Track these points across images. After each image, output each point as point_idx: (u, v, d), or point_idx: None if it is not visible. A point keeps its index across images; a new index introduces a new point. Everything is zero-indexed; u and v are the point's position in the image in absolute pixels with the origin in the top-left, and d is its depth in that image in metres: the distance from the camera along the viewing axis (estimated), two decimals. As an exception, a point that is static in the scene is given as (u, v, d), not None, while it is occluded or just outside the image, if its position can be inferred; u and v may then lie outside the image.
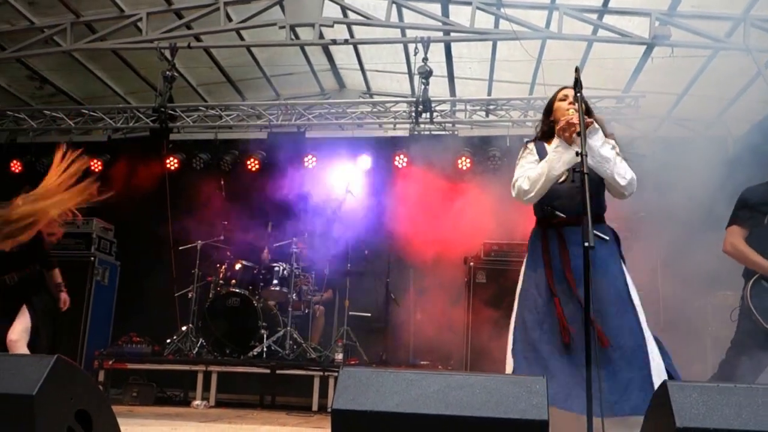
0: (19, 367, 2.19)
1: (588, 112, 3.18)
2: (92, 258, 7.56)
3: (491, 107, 8.38)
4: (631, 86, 7.73)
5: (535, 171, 3.12)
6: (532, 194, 3.11)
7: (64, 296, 4.89)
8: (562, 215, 3.12)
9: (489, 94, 8.56)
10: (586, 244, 2.53)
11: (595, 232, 2.93)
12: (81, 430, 2.27)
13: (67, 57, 7.80)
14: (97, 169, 8.91)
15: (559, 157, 3.04)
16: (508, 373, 3.00)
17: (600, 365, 2.77)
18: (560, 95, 3.27)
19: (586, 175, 2.62)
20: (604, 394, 2.71)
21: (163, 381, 6.76)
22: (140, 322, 7.59)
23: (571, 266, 3.00)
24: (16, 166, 9.10)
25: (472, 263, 6.69)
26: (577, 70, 2.97)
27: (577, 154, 2.72)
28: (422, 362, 6.82)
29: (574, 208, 3.03)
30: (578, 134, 2.87)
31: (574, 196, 2.91)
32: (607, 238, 3.09)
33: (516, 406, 1.98)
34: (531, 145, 3.33)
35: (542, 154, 3.18)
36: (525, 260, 3.26)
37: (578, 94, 2.89)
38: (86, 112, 8.90)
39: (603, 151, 3.00)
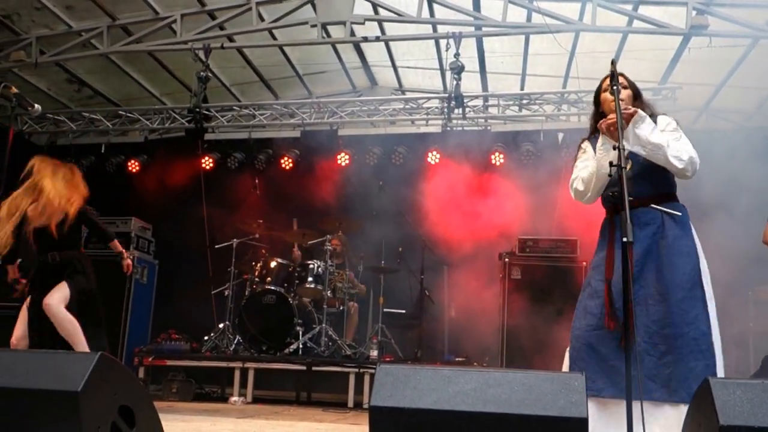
0: (64, 364, 2.24)
1: (636, 96, 3.13)
2: (131, 257, 7.68)
3: (524, 102, 8.31)
4: (667, 78, 7.59)
5: (586, 171, 3.11)
6: (589, 194, 3.12)
7: (126, 262, 5.24)
8: (630, 199, 3.07)
9: (522, 88, 8.48)
10: (625, 239, 2.50)
11: (665, 210, 2.95)
12: (124, 426, 2.32)
13: (104, 60, 7.94)
14: (134, 170, 9.10)
15: (605, 156, 3.00)
16: (566, 362, 3.02)
17: (662, 352, 2.77)
18: (605, 85, 3.17)
19: (624, 170, 2.58)
20: (665, 379, 2.75)
21: (201, 377, 6.86)
22: (178, 319, 7.72)
23: (633, 251, 2.96)
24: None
25: (507, 259, 6.65)
26: (613, 62, 2.92)
27: (614, 148, 2.68)
28: (457, 359, 6.81)
29: (638, 191, 2.94)
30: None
31: (637, 178, 2.88)
32: (679, 214, 3.02)
33: (555, 404, 1.97)
34: (585, 144, 3.28)
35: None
36: (595, 249, 3.24)
37: (615, 88, 2.84)
38: (123, 113, 9.07)
39: (653, 138, 2.92)
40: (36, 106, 4.28)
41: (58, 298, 4.67)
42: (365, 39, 7.02)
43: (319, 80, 9.08)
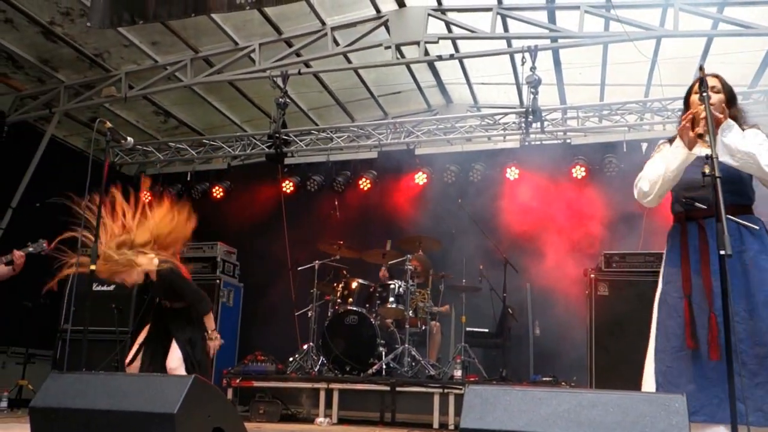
0: (160, 388, 2.31)
1: (730, 101, 2.99)
2: (218, 281, 7.93)
3: (605, 113, 8.10)
4: (758, 81, 7.24)
5: (654, 172, 2.96)
6: (652, 197, 2.97)
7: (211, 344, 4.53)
8: (703, 206, 2.91)
9: (602, 99, 8.28)
10: (722, 252, 2.37)
11: (743, 222, 2.79)
12: (218, 447, 2.37)
13: (187, 91, 8.30)
14: (218, 196, 9.41)
15: (675, 157, 2.88)
16: (648, 386, 2.86)
17: (753, 373, 2.60)
18: (696, 87, 3.05)
19: (718, 179, 2.45)
20: (758, 402, 2.56)
21: (287, 398, 6.94)
22: (263, 341, 7.88)
23: (710, 261, 2.80)
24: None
25: (593, 275, 6.43)
26: (701, 68, 2.80)
27: (707, 157, 2.55)
28: (544, 378, 6.62)
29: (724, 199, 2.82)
30: (700, 136, 2.72)
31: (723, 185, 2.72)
32: (757, 227, 2.85)
33: (654, 426, 1.87)
34: (664, 145, 3.11)
35: None
36: (663, 262, 3.07)
37: (704, 95, 2.71)
38: (207, 141, 9.42)
39: (743, 146, 2.77)
40: (128, 138, 4.50)
41: (177, 360, 4.43)
42: (439, 57, 7.05)
43: (395, 101, 9.17)
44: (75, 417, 2.42)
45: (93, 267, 3.85)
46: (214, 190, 9.48)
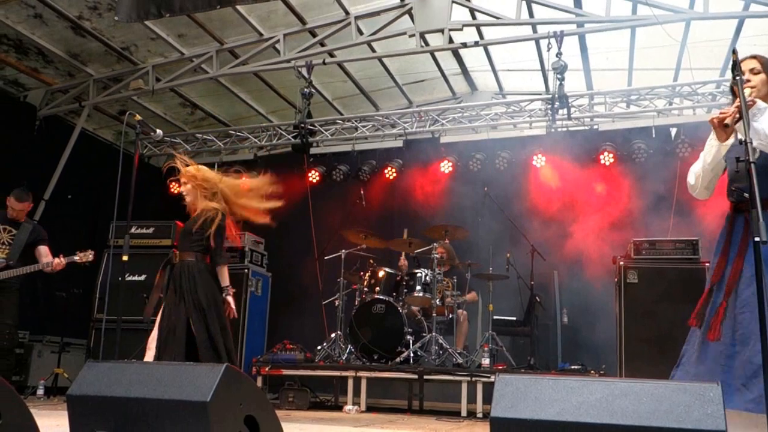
0: (193, 376, 2.35)
1: None
2: (246, 270, 8.00)
3: (633, 98, 7.98)
4: (792, 63, 7.06)
5: (698, 164, 2.96)
6: (698, 189, 2.98)
7: (228, 301, 4.65)
8: (744, 195, 2.88)
9: (629, 84, 8.16)
10: (757, 238, 2.33)
11: None
12: (250, 435, 2.40)
13: (213, 83, 8.35)
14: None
15: (709, 150, 2.86)
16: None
17: None
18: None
19: (752, 164, 2.41)
20: None
21: (316, 386, 7.01)
22: (291, 329, 7.95)
23: (745, 255, 2.77)
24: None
25: (622, 262, 6.37)
26: (734, 52, 2.73)
27: (741, 142, 2.51)
28: (572, 367, 6.58)
29: (764, 190, 2.77)
30: (725, 126, 2.67)
31: (763, 175, 2.62)
32: None
33: (688, 416, 1.85)
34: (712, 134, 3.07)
35: None
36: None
37: (738, 78, 2.66)
38: (233, 132, 9.49)
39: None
40: (158, 131, 4.57)
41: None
42: (464, 45, 7.00)
43: (419, 89, 9.14)
44: (111, 404, 2.47)
45: (125, 258, 3.91)
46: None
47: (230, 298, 4.62)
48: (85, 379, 2.58)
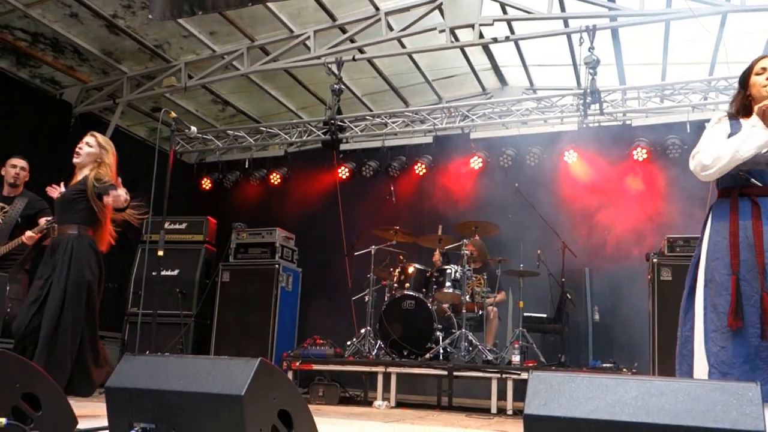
0: (228, 370, 2.38)
1: None
2: (277, 266, 8.07)
3: (667, 92, 7.86)
4: (833, 55, 6.89)
5: (721, 147, 2.83)
6: (712, 171, 2.84)
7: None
8: (759, 183, 2.82)
9: (663, 78, 8.04)
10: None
11: None
12: (284, 429, 2.43)
13: (244, 79, 8.43)
14: (276, 182, 9.58)
15: (751, 137, 2.76)
16: (701, 369, 2.84)
17: None
18: (757, 68, 2.93)
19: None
20: None
21: (346, 381, 7.05)
22: (321, 325, 8.00)
23: (764, 240, 2.72)
24: (206, 184, 10.00)
25: (655, 259, 6.29)
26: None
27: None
28: (604, 365, 6.52)
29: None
30: None
31: None
32: None
33: (726, 416, 1.83)
34: (724, 120, 3.00)
35: (735, 131, 2.89)
36: (705, 237, 2.97)
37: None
38: (264, 129, 9.57)
39: None
40: (192, 128, 4.62)
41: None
42: (494, 40, 6.96)
43: (449, 84, 9.11)
44: (148, 397, 2.51)
45: (161, 253, 3.97)
46: (271, 177, 9.64)
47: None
48: (123, 372, 2.64)
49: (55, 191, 4.31)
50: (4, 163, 5.42)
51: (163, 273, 7.76)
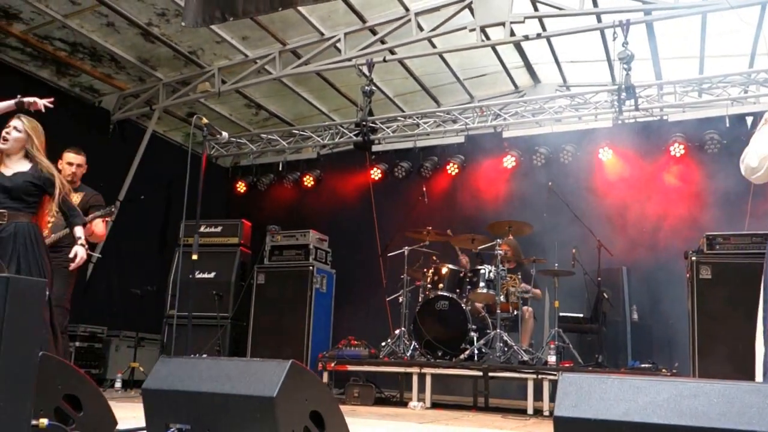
0: (260, 372, 2.42)
1: None
2: (311, 267, 8.13)
3: (705, 86, 7.70)
4: None
5: (765, 147, 2.74)
6: (761, 172, 2.75)
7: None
8: None
9: (701, 72, 7.86)
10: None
11: None
12: (316, 430, 2.45)
13: (277, 83, 8.52)
14: (309, 185, 9.66)
15: None
16: (760, 373, 2.73)
17: None
18: None
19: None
20: None
21: (380, 382, 7.07)
22: (356, 325, 8.03)
23: None
24: (240, 187, 10.13)
25: (694, 258, 6.15)
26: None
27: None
28: (643, 365, 6.41)
29: None
30: None
31: None
32: None
33: (762, 419, 1.79)
34: None
35: None
36: None
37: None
38: (297, 132, 9.66)
39: None
40: (224, 133, 4.68)
41: None
42: (526, 38, 6.91)
43: (481, 83, 9.06)
44: (182, 398, 2.56)
45: (195, 257, 4.03)
46: (305, 179, 9.72)
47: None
48: (159, 374, 2.69)
49: None
50: (60, 156, 5.41)
51: (200, 276, 7.88)
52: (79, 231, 4.14)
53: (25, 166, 4.02)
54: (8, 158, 4.03)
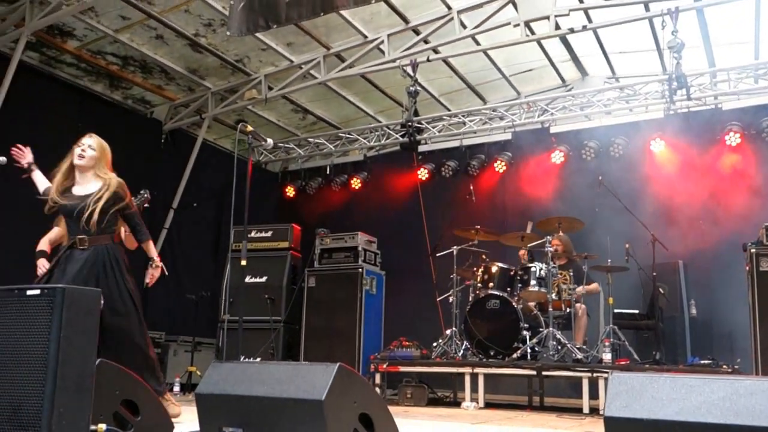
0: (309, 375, 2.45)
1: None
2: (360, 269, 8.17)
3: (761, 72, 7.43)
4: None
5: None
6: None
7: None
8: None
9: (756, 57, 7.59)
10: None
11: None
12: (365, 432, 2.47)
13: (322, 87, 8.59)
14: (357, 187, 9.71)
15: None
16: None
17: None
18: None
19: None
20: None
21: (433, 382, 7.05)
22: (407, 326, 8.02)
23: None
24: (290, 191, 10.26)
25: (753, 249, 5.94)
26: None
27: None
28: (702, 361, 6.22)
29: None
30: None
31: None
32: None
33: (824, 417, 1.72)
34: None
35: None
36: None
37: None
38: (343, 135, 9.74)
39: None
40: (268, 140, 4.74)
41: None
42: (571, 30, 6.78)
43: (527, 79, 8.94)
44: (233, 402, 2.62)
45: (244, 262, 4.10)
46: (352, 182, 9.78)
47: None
48: (211, 379, 2.75)
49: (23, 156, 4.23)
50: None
51: (252, 280, 8.02)
52: (152, 250, 4.26)
53: (95, 185, 4.13)
54: (81, 176, 4.15)
